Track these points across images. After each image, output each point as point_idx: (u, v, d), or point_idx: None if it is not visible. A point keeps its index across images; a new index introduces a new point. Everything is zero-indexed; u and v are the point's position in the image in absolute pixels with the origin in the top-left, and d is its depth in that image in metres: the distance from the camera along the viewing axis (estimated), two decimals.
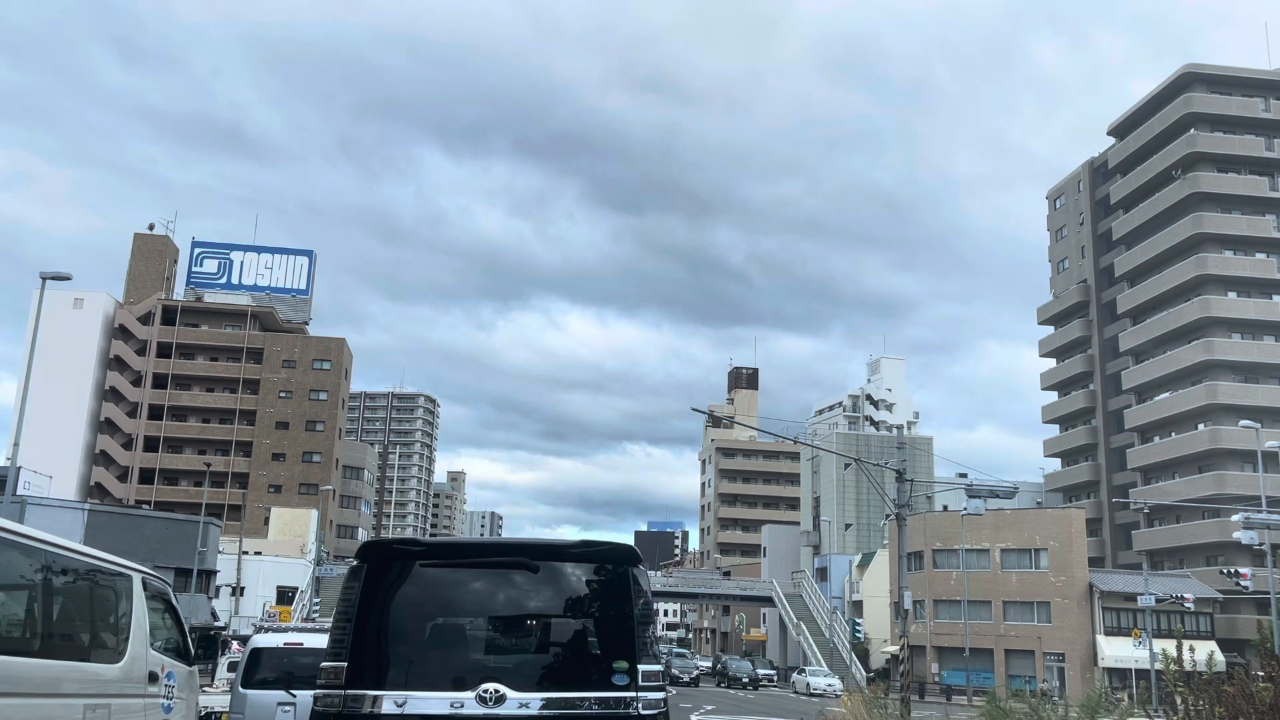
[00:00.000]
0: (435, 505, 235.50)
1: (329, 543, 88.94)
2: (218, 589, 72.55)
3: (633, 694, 5.94)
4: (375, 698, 5.71)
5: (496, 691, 5.69)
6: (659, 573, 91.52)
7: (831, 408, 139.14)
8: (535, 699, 5.75)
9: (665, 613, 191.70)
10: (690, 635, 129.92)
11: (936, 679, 58.40)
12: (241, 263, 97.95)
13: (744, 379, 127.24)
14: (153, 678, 8.19)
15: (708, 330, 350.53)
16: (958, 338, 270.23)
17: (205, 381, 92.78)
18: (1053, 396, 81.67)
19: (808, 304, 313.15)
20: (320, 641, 12.20)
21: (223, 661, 23.17)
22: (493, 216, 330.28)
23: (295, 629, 17.71)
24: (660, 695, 6.11)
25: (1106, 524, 72.96)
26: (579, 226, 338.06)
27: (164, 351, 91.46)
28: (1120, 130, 74.40)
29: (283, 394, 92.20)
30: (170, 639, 9.03)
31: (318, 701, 5.89)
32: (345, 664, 5.81)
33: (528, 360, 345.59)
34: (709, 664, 71.30)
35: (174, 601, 9.26)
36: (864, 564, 75.48)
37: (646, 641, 6.12)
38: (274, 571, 72.88)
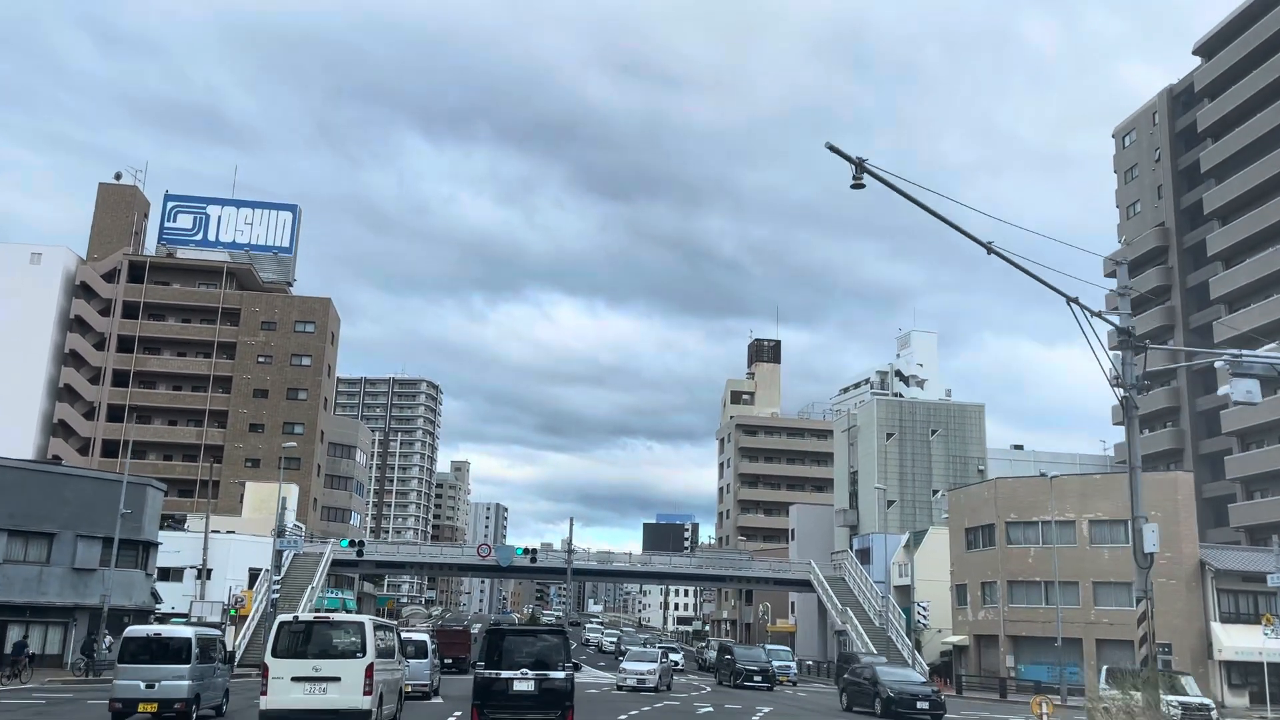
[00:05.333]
0: (438, 496, 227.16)
1: (313, 524, 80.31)
2: (180, 571, 64.29)
3: (562, 674, 18.46)
4: (495, 672, 18.23)
5: (525, 671, 18.18)
6: (676, 557, 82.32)
7: (858, 385, 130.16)
8: (535, 673, 18.19)
9: (675, 606, 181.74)
10: (706, 628, 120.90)
11: (1012, 674, 49.38)
12: (219, 218, 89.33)
13: (765, 352, 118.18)
14: (399, 661, 21.07)
15: (700, 322, 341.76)
16: (955, 329, 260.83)
17: (176, 345, 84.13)
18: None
19: (802, 295, 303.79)
20: (419, 637, 30.13)
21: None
22: (480, 205, 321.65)
23: (411, 630, 35.33)
24: (572, 672, 18.97)
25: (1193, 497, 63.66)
26: (568, 215, 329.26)
27: (131, 312, 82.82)
28: (1208, 48, 65.14)
29: (261, 359, 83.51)
30: (396, 646, 20.63)
31: (476, 674, 18.59)
32: (485, 660, 18.49)
33: (521, 353, 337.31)
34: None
35: (397, 631, 22.70)
36: (913, 544, 66.38)
37: (567, 656, 18.93)
38: (246, 552, 64.55)
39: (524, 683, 17.88)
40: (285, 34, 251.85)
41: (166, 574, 63.30)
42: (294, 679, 16.36)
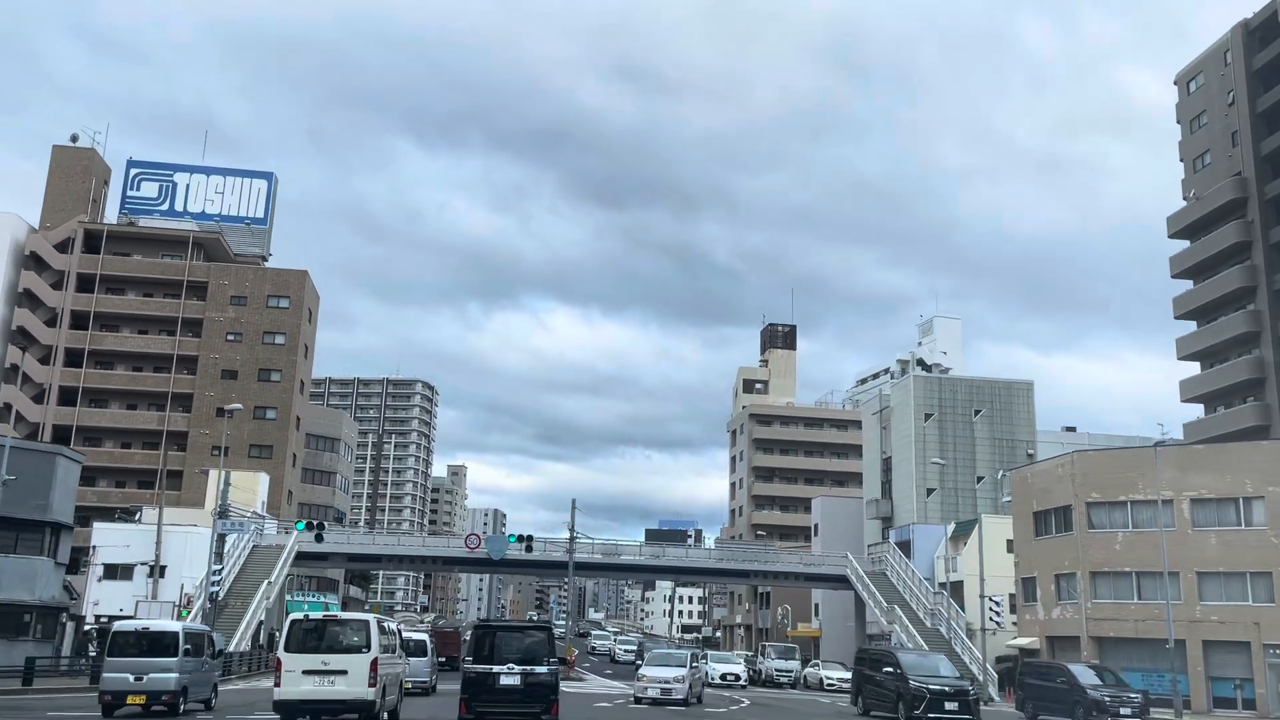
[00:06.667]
0: (434, 500, 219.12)
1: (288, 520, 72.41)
2: (130, 568, 56.79)
3: (546, 669, 19.00)
4: (483, 667, 18.96)
5: (511, 666, 18.80)
6: (692, 549, 74.07)
7: (876, 375, 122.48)
8: (522, 668, 18.80)
9: (680, 614, 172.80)
10: (718, 635, 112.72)
11: None
12: (187, 186, 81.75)
13: (780, 337, 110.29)
14: (401, 655, 22.14)
15: (696, 330, 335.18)
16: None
17: (136, 321, 76.23)
18: (1190, 326, 64.76)
19: (798, 302, 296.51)
20: (419, 636, 33.03)
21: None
22: (474, 212, 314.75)
23: (410, 629, 40.66)
24: (556, 667, 19.58)
25: None
26: (562, 222, 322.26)
27: (86, 285, 74.98)
28: None
29: (230, 336, 75.65)
30: (397, 643, 21.75)
31: (465, 669, 19.53)
32: (473, 655, 19.31)
33: (518, 362, 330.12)
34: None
35: (399, 630, 24.54)
36: (960, 535, 58.56)
37: (552, 651, 19.45)
38: (207, 547, 56.59)
39: (510, 677, 18.71)
40: (276, 40, 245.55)
41: (114, 572, 55.88)
42: (305, 672, 17.74)
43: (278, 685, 17.77)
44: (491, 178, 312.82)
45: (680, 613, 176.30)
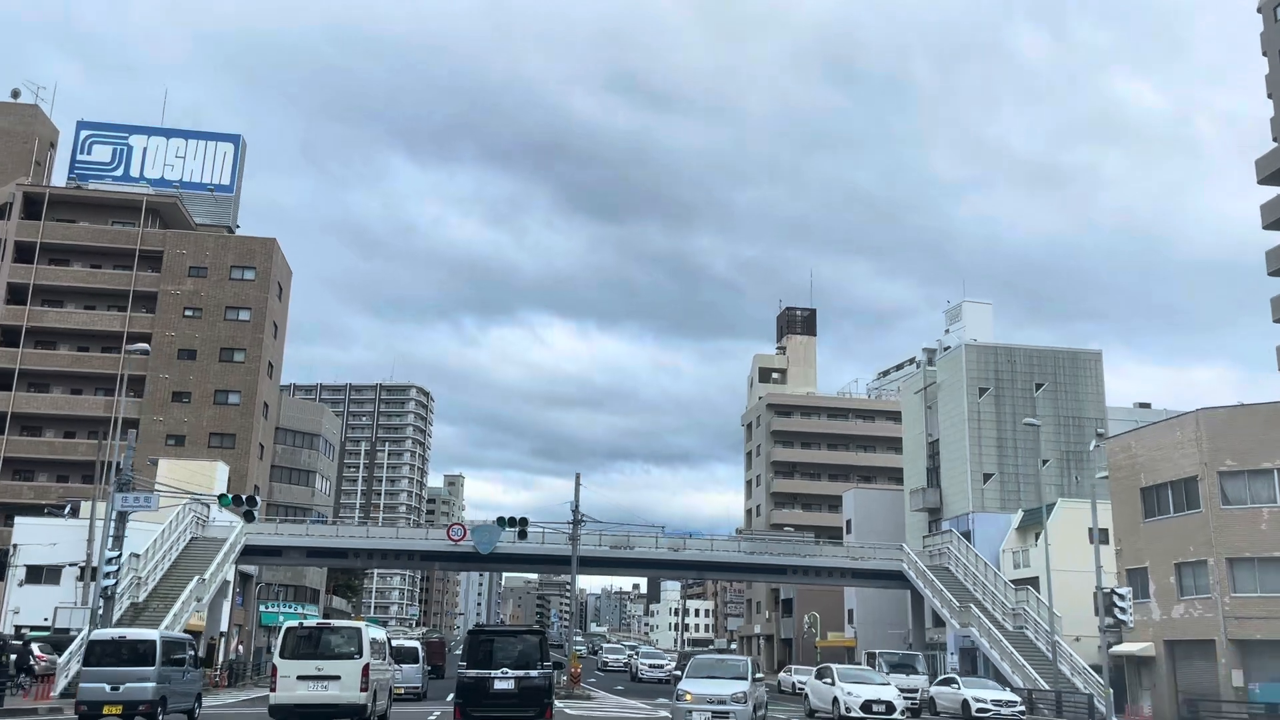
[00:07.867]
0: (430, 511, 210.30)
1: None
2: (58, 570, 48.76)
3: (539, 673, 18.98)
4: (477, 672, 18.88)
5: (505, 670, 18.80)
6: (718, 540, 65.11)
7: (900, 366, 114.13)
8: (515, 672, 18.84)
9: (688, 627, 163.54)
10: (733, 647, 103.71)
11: (1240, 695, 32.67)
12: (145, 149, 73.58)
13: (798, 322, 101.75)
14: (390, 663, 23.29)
15: (692, 344, 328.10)
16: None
17: (83, 296, 67.59)
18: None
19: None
20: (411, 644, 36.71)
21: None
22: (467, 226, 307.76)
23: (404, 636, 54.59)
24: (549, 671, 19.48)
25: None
26: (557, 234, 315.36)
27: (25, 255, 66.50)
28: None
29: (189, 312, 67.09)
30: (387, 650, 23.16)
31: (459, 674, 19.24)
32: (467, 661, 19.12)
33: (515, 376, 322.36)
34: None
35: (387, 639, 24.26)
36: (1030, 524, 49.89)
37: (545, 655, 19.36)
38: (148, 544, 47.91)
39: (504, 681, 18.64)
40: (267, 54, 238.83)
41: (39, 575, 47.75)
42: (299, 677, 18.57)
43: (273, 690, 18.68)
44: (485, 191, 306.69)
45: (688, 625, 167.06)
